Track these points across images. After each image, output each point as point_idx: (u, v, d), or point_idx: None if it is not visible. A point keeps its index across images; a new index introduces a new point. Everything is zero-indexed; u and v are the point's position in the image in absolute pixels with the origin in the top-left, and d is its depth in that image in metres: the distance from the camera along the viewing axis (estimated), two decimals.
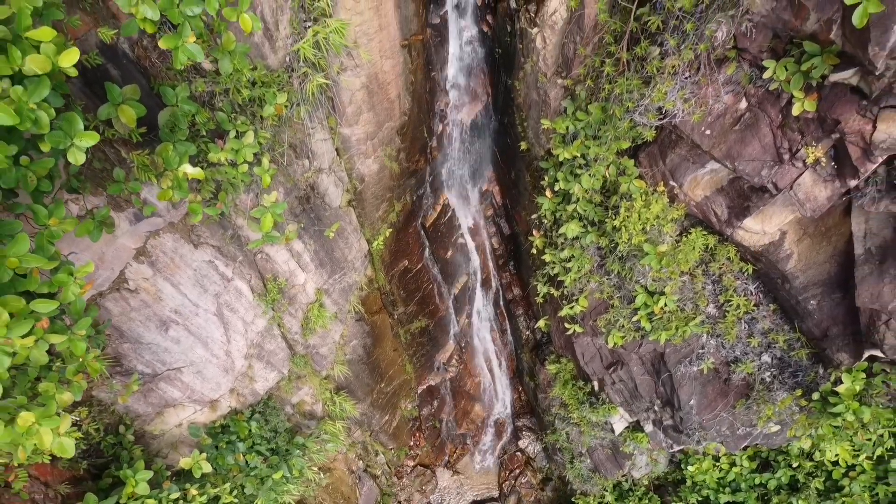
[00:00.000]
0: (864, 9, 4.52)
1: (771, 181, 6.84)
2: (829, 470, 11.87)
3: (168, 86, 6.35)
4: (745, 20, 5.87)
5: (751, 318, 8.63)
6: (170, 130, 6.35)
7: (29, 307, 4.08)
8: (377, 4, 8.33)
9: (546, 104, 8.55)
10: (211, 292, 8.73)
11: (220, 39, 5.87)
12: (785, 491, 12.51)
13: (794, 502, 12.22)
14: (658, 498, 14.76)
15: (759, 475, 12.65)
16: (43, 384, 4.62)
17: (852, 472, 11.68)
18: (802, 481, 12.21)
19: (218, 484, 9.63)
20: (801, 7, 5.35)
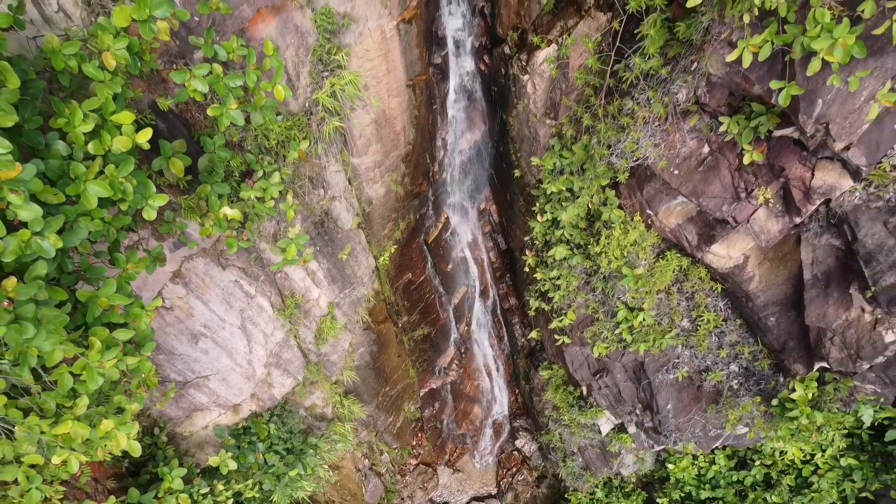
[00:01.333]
0: (787, 92, 5.51)
1: (731, 215, 7.83)
2: (800, 468, 12.89)
3: (207, 135, 7.34)
4: (702, 83, 6.85)
5: (720, 331, 9.62)
6: (208, 173, 7.34)
7: (112, 336, 5.08)
8: (385, 52, 9.33)
9: (536, 141, 9.55)
10: (236, 308, 9.73)
11: (253, 98, 6.87)
12: (760, 487, 13.50)
13: (768, 498, 13.24)
14: (645, 494, 15.77)
15: (737, 473, 13.65)
16: (116, 397, 5.62)
17: (820, 470, 12.72)
18: (775, 478, 13.21)
19: (240, 481, 10.65)
20: (747, 77, 6.34)
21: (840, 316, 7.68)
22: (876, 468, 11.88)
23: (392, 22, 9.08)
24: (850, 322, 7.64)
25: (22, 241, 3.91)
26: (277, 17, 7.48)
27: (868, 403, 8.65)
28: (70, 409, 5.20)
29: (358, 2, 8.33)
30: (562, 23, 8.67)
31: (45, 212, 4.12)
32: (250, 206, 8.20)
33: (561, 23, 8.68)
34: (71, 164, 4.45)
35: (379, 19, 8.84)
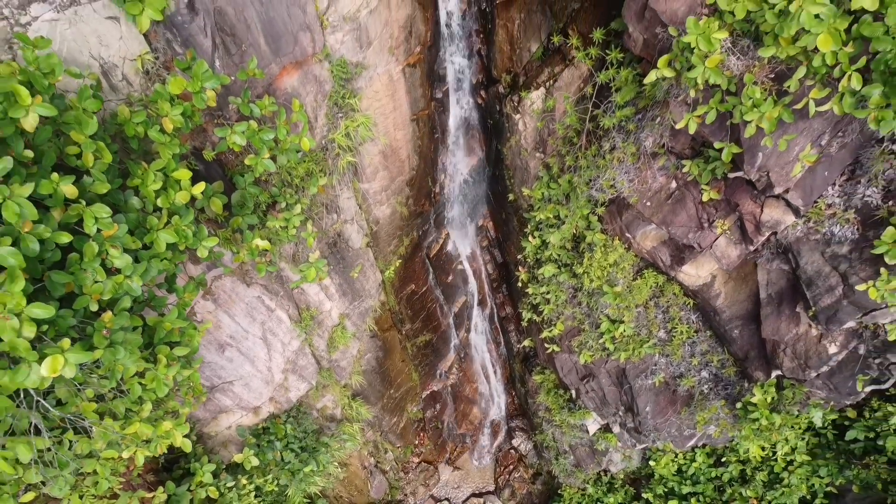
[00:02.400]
0: (728, 151, 6.61)
1: (696, 242, 8.93)
2: (772, 465, 13.99)
3: (238, 174, 8.43)
4: (667, 132, 7.96)
5: (692, 342, 10.72)
6: (240, 207, 8.45)
7: (173, 353, 6.19)
8: (392, 92, 10.45)
9: (527, 171, 10.65)
10: (258, 321, 10.84)
11: (279, 143, 7.97)
12: (736, 483, 14.60)
13: (743, 492, 14.34)
14: (633, 490, 16.88)
15: (715, 469, 14.76)
16: (171, 402, 6.74)
17: (791, 467, 13.82)
18: (750, 474, 14.31)
19: (260, 476, 11.77)
20: (701, 131, 7.44)
21: (791, 330, 8.79)
22: (840, 465, 13.00)
23: (398, 67, 10.19)
24: (799, 336, 8.75)
25: (117, 284, 5.01)
26: (300, 71, 8.59)
27: (818, 407, 9.74)
28: (137, 413, 6.31)
29: (369, 52, 9.44)
30: (549, 69, 9.78)
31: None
32: (275, 234, 9.30)
33: (548, 69, 9.80)
34: (147, 218, 5.56)
35: (387, 65, 9.96)
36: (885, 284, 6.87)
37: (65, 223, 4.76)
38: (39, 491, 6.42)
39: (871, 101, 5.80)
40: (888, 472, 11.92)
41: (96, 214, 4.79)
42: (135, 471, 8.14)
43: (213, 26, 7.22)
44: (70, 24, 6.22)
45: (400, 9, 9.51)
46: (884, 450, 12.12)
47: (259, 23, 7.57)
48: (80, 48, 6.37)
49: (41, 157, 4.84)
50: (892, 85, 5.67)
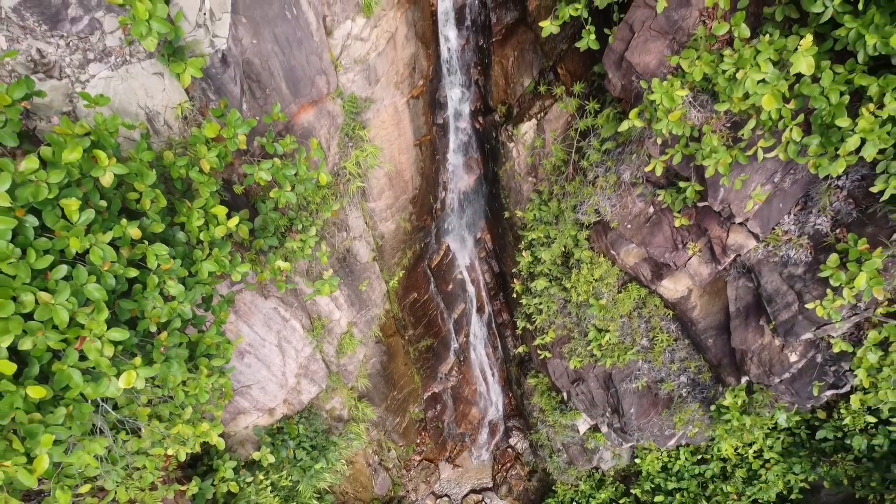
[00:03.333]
0: (691, 189, 7.59)
1: (672, 261, 9.91)
2: (751, 462, 14.99)
3: (261, 200, 9.39)
4: (643, 165, 8.93)
5: (672, 349, 11.70)
6: (262, 230, 9.42)
7: (211, 363, 7.18)
8: (397, 121, 11.43)
9: (521, 193, 11.63)
10: (274, 330, 11.82)
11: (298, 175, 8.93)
12: (718, 479, 15.60)
13: (724, 488, 15.34)
14: (623, 486, 17.88)
15: (698, 466, 15.77)
16: (207, 406, 7.72)
17: (768, 464, 14.82)
18: (730, 471, 15.32)
19: (275, 472, 12.75)
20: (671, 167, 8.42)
21: (757, 341, 9.77)
22: (812, 462, 14.00)
23: (403, 99, 11.17)
24: (764, 346, 9.74)
25: (171, 308, 5.99)
26: (315, 108, 9.56)
27: (783, 409, 10.72)
28: (179, 416, 7.30)
29: (377, 88, 10.42)
30: (540, 102, 10.76)
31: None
32: (292, 253, 10.26)
33: (540, 102, 10.78)
34: (193, 251, 6.54)
35: (393, 98, 10.94)
36: (830, 303, 7.85)
37: (131, 259, 5.74)
38: (94, 483, 7.41)
39: (811, 150, 6.79)
40: (854, 469, 12.91)
41: (157, 252, 5.77)
42: (170, 466, 9.12)
43: (242, 75, 8.20)
44: (122, 80, 7.19)
45: (405, 48, 10.48)
46: (851, 448, 13.11)
47: (281, 70, 8.55)
48: (129, 99, 7.34)
49: (110, 204, 5.82)
50: (828, 136, 6.65)
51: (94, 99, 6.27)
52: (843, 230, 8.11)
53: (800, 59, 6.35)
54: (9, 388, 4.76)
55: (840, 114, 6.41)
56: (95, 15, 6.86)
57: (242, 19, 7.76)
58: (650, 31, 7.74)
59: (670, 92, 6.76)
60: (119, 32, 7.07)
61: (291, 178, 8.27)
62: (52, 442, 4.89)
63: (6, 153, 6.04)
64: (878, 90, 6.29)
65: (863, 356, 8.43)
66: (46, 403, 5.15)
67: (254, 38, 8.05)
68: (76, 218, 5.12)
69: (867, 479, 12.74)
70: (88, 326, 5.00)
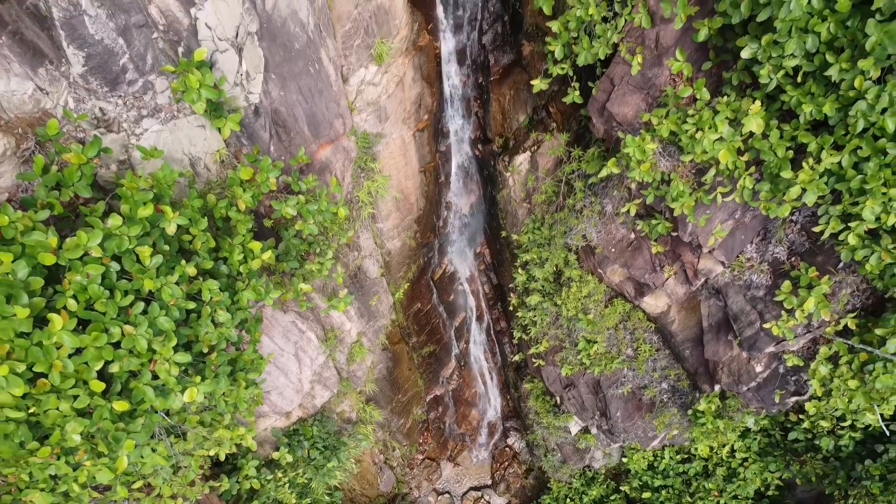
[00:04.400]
0: (662, 225, 8.74)
1: (651, 281, 11.06)
2: (730, 461, 16.15)
3: (283, 228, 10.53)
4: (624, 198, 10.08)
5: (654, 359, 12.85)
6: (285, 254, 10.56)
7: (248, 377, 8.33)
8: (404, 151, 12.57)
9: (516, 217, 12.78)
10: (292, 341, 12.96)
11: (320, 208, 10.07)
12: (700, 477, 16.77)
13: (706, 485, 16.52)
14: (614, 483, 19.05)
15: (682, 465, 16.94)
16: (243, 413, 8.87)
17: (746, 463, 15.98)
18: (711, 469, 16.48)
19: (291, 471, 13.91)
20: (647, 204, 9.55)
21: (726, 353, 10.93)
22: (786, 461, 15.16)
23: (410, 132, 12.32)
24: (733, 357, 10.89)
25: (220, 333, 7.14)
26: (333, 145, 10.70)
27: (751, 414, 11.87)
28: (219, 422, 8.46)
29: (386, 124, 11.56)
30: (534, 135, 11.91)
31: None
32: (310, 273, 11.40)
33: (534, 135, 11.92)
34: (236, 283, 7.70)
35: (400, 132, 12.08)
36: (784, 323, 9.00)
37: (188, 293, 6.89)
38: (145, 480, 8.56)
39: (762, 195, 7.94)
40: (822, 468, 14.08)
41: (209, 287, 6.92)
42: (205, 465, 10.28)
43: (270, 122, 9.33)
44: (170, 132, 8.32)
45: (412, 89, 11.62)
46: (820, 448, 14.28)
47: (304, 116, 9.69)
48: (175, 148, 8.47)
49: (170, 246, 6.97)
50: (776, 184, 7.81)
51: (149, 152, 7.42)
52: (796, 259, 9.26)
53: (751, 120, 7.50)
54: (99, 403, 5.91)
55: (785, 166, 7.57)
56: (149, 78, 8.00)
57: (272, 76, 8.89)
58: (628, 85, 8.88)
59: (641, 146, 7.92)
60: (168, 92, 8.22)
61: (314, 213, 9.42)
62: (133, 446, 6.05)
63: (81, 202, 7.22)
64: (816, 147, 7.45)
65: (816, 368, 9.59)
66: (124, 414, 6.30)
67: (281, 91, 9.18)
68: (148, 262, 6.27)
69: (834, 477, 13.91)
70: (160, 352, 6.16)
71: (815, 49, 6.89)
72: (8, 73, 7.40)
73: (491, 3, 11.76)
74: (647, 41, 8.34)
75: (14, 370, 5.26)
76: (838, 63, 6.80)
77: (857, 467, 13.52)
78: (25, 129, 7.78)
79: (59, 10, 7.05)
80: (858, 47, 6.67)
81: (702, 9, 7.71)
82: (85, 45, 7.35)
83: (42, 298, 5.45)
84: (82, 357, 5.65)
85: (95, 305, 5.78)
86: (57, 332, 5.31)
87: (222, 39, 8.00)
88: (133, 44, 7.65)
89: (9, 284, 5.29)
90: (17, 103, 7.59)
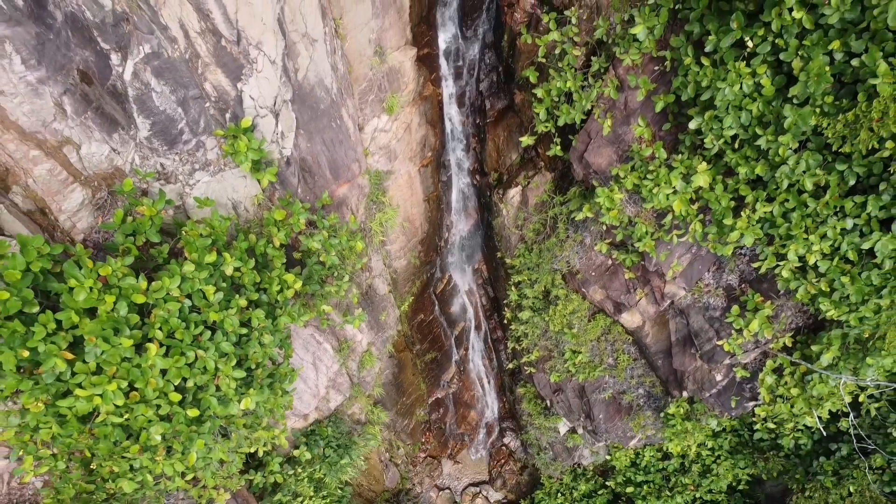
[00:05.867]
0: (629, 258, 10.39)
1: (626, 301, 12.71)
2: (704, 459, 17.80)
3: (307, 256, 12.15)
4: (602, 231, 11.72)
5: (632, 367, 14.49)
6: (308, 279, 12.19)
7: (283, 387, 9.97)
8: (410, 184, 14.20)
9: (510, 242, 14.42)
10: (310, 351, 14.59)
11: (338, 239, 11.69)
12: (678, 473, 18.42)
13: (683, 480, 18.17)
14: (602, 479, 20.69)
15: (661, 462, 18.60)
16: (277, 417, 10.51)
17: (719, 460, 17.62)
18: (688, 466, 18.13)
19: (308, 467, 15.54)
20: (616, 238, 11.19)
21: (691, 364, 12.57)
22: (753, 458, 16.81)
23: (415, 168, 13.95)
24: (697, 368, 12.54)
25: (265, 352, 8.76)
26: (349, 184, 12.33)
27: (714, 417, 13.52)
28: (258, 424, 10.10)
29: (395, 163, 13.20)
30: (525, 172, 13.55)
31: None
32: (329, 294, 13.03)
33: (524, 172, 13.56)
34: (275, 309, 9.33)
35: (407, 168, 13.72)
36: (734, 341, 10.65)
37: (241, 321, 8.51)
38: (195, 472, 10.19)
39: (710, 237, 9.59)
40: (783, 464, 15.73)
41: (257, 316, 8.55)
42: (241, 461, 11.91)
43: (299, 168, 10.97)
44: (217, 182, 9.95)
45: (417, 132, 13.25)
46: (782, 447, 15.93)
47: (326, 162, 11.32)
48: (221, 195, 10.10)
49: (226, 283, 8.60)
50: (721, 228, 9.45)
51: (203, 201, 9.05)
52: (746, 285, 10.90)
53: (700, 176, 9.15)
54: (177, 410, 7.55)
55: (728, 214, 9.21)
56: (201, 138, 9.63)
57: (301, 132, 10.52)
58: (602, 139, 10.53)
59: (610, 196, 9.56)
60: (216, 149, 9.86)
61: (335, 245, 11.06)
62: (203, 445, 7.69)
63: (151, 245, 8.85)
64: (753, 199, 9.09)
65: (763, 378, 11.24)
66: (195, 419, 7.94)
67: (308, 143, 10.82)
68: (212, 298, 7.91)
69: (793, 473, 15.58)
70: (223, 370, 7.80)
71: (748, 123, 8.54)
72: (90, 139, 9.05)
73: (487, 56, 13.39)
74: (617, 105, 9.98)
75: (119, 386, 6.91)
76: (765, 135, 8.44)
77: (813, 464, 15.18)
78: (100, 182, 9.42)
79: (133, 90, 8.70)
80: (780, 123, 8.32)
81: (659, 85, 9.35)
82: (151, 115, 8.99)
83: (140, 331, 7.09)
84: (167, 375, 7.29)
85: (175, 334, 7.42)
86: (153, 357, 6.94)
87: (263, 107, 9.65)
88: (189, 112, 9.28)
89: (115, 320, 6.93)
90: (95, 162, 9.26)
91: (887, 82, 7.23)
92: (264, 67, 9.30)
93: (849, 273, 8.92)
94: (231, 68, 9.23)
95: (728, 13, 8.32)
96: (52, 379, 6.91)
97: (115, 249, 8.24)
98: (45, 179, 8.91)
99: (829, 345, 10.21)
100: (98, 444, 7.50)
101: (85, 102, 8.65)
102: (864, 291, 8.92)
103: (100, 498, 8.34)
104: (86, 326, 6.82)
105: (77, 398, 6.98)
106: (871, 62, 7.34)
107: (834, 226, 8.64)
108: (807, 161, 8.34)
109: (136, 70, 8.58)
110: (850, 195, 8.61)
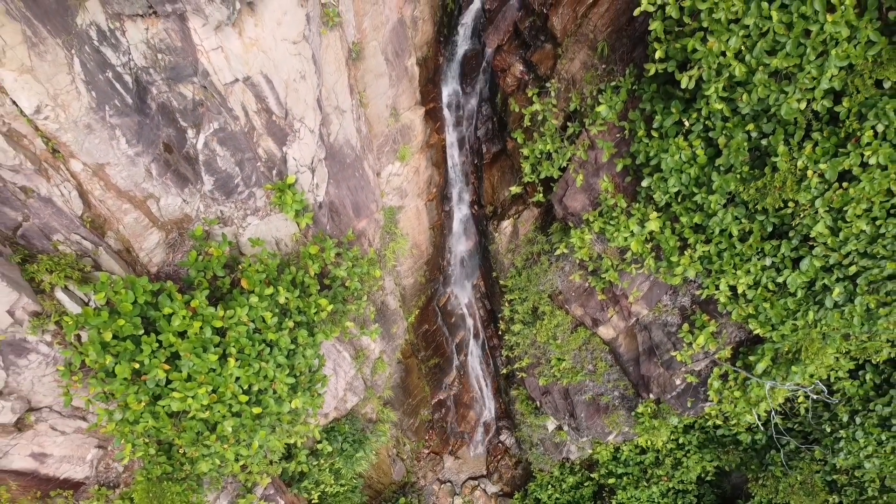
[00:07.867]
0: (599, 286, 12.74)
1: (600, 318, 15.05)
2: (676, 453, 20.13)
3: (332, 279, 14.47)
4: (577, 262, 14.07)
5: (609, 373, 16.82)
6: (334, 299, 14.51)
7: (317, 389, 12.31)
8: (418, 215, 16.55)
9: (503, 265, 16.78)
10: (332, 359, 16.89)
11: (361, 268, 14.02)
12: (653, 465, 20.75)
13: (657, 471, 20.50)
14: (588, 472, 23.02)
15: (639, 456, 20.93)
16: (312, 415, 12.85)
17: (688, 454, 19.95)
18: (662, 459, 20.46)
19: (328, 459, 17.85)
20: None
21: (655, 370, 14.92)
22: (717, 453, 19.15)
23: (422, 202, 16.29)
24: (660, 374, 14.89)
25: (307, 363, 11.09)
26: (367, 219, 14.67)
27: (676, 415, 15.85)
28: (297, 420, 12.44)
29: (405, 199, 15.54)
30: (516, 206, 15.90)
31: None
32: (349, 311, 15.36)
33: (516, 206, 15.91)
34: (313, 329, 11.66)
35: (415, 202, 16.06)
36: (685, 353, 12.99)
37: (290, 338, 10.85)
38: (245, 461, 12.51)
39: (661, 270, 11.94)
40: (741, 457, 18.07)
41: (302, 335, 10.89)
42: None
43: (328, 210, 13.31)
44: (265, 224, 12.29)
45: (425, 173, 15.60)
46: (741, 441, 18.26)
47: (350, 204, 13.66)
48: (267, 234, 12.43)
49: (278, 309, 10.94)
50: (669, 263, 11.80)
51: (255, 241, 11.41)
52: (696, 306, 13.25)
53: (652, 223, 11.50)
54: (245, 409, 9.90)
55: (674, 253, 11.56)
56: (252, 189, 11.96)
57: (331, 181, 12.87)
58: (577, 187, 12.88)
59: (581, 237, 11.91)
60: (265, 198, 12.20)
61: (358, 273, 13.41)
62: (265, 435, 10.03)
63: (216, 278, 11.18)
64: (694, 241, 11.44)
65: (711, 383, 13.59)
66: (258, 415, 10.28)
67: (336, 189, 13.17)
68: (270, 322, 10.25)
69: (750, 464, 17.91)
70: (279, 377, 10.14)
71: (686, 183, 10.89)
72: (167, 193, 11.41)
73: (483, 108, 15.76)
74: (588, 162, 12.34)
75: (206, 391, 9.25)
76: (700, 193, 10.79)
77: (766, 457, 17.52)
78: (172, 226, 11.78)
79: (203, 155, 11.04)
80: (711, 185, 10.67)
81: (621, 148, 11.72)
82: (215, 173, 11.31)
83: (220, 349, 9.43)
84: (239, 381, 9.63)
85: (245, 350, 9.77)
86: (232, 368, 9.29)
87: (303, 166, 12.01)
88: (244, 169, 11.62)
89: (203, 340, 9.28)
90: (170, 211, 11.62)
91: (785, 160, 9.58)
92: (305, 136, 11.66)
93: (769, 300, 11.27)
94: (279, 136, 11.58)
95: (672, 96, 10.68)
96: (153, 385, 9.26)
97: (190, 282, 10.59)
98: (132, 226, 11.32)
99: (762, 356, 12.57)
100: (184, 434, 9.85)
101: (166, 166, 11.04)
102: (781, 314, 11.27)
103: (179, 476, 10.67)
104: (181, 345, 9.17)
105: (172, 399, 9.32)
106: (776, 143, 9.69)
107: (756, 263, 10.99)
108: (732, 213, 10.69)
109: (206, 140, 10.93)
110: (768, 239, 10.96)
